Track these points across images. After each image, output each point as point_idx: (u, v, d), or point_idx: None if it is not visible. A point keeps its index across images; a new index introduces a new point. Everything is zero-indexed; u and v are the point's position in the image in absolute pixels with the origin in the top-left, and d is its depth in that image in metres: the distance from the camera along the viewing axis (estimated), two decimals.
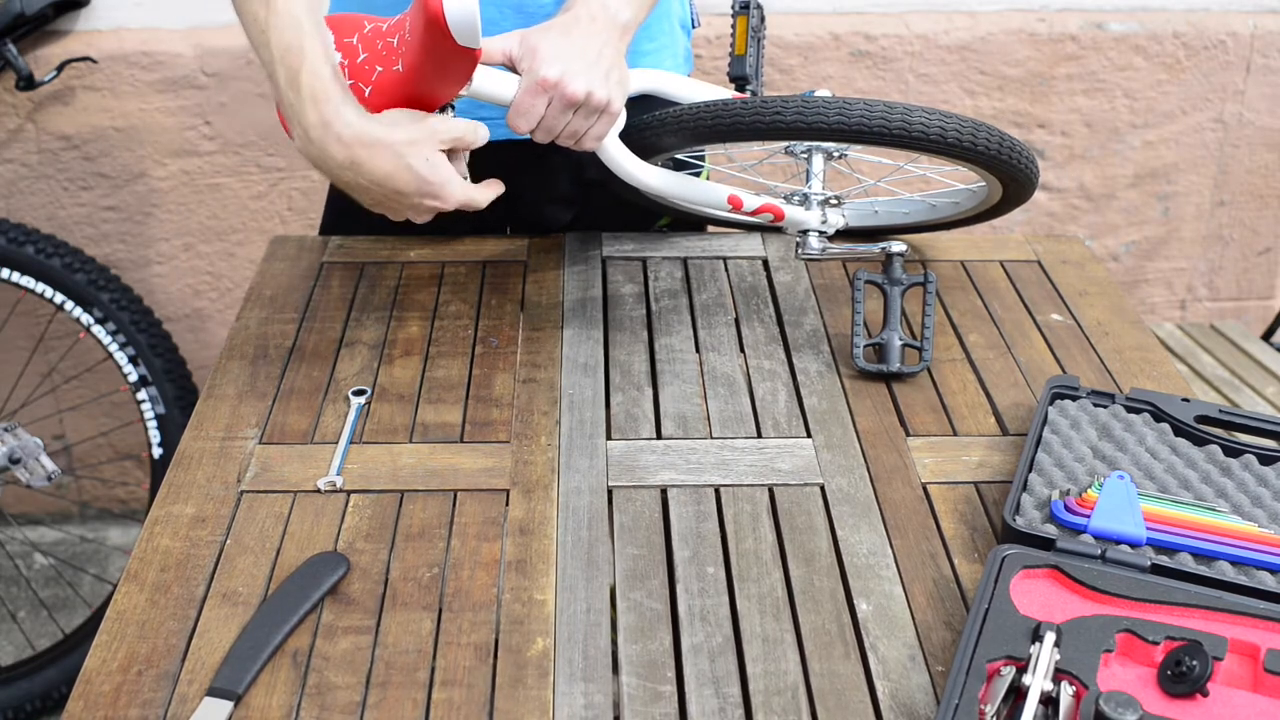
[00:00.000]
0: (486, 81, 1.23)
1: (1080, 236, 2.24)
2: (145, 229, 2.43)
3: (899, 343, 1.35)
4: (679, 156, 1.50)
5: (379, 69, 1.18)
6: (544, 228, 1.63)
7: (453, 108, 1.24)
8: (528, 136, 1.27)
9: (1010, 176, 1.35)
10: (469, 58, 1.14)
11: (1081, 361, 1.38)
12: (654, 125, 1.34)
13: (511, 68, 1.25)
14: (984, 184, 1.44)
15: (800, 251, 1.39)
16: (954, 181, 1.51)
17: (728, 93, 1.46)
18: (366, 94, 1.18)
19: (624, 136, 1.34)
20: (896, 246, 1.38)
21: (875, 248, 1.39)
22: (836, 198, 1.41)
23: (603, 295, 1.49)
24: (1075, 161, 2.52)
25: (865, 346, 1.35)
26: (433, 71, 1.16)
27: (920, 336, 1.37)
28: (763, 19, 1.55)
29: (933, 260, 1.57)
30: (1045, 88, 2.45)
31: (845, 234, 1.56)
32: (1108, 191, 2.56)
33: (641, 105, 1.38)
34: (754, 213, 1.39)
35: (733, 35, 1.52)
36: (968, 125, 1.26)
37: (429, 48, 1.13)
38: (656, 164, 1.40)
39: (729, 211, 1.41)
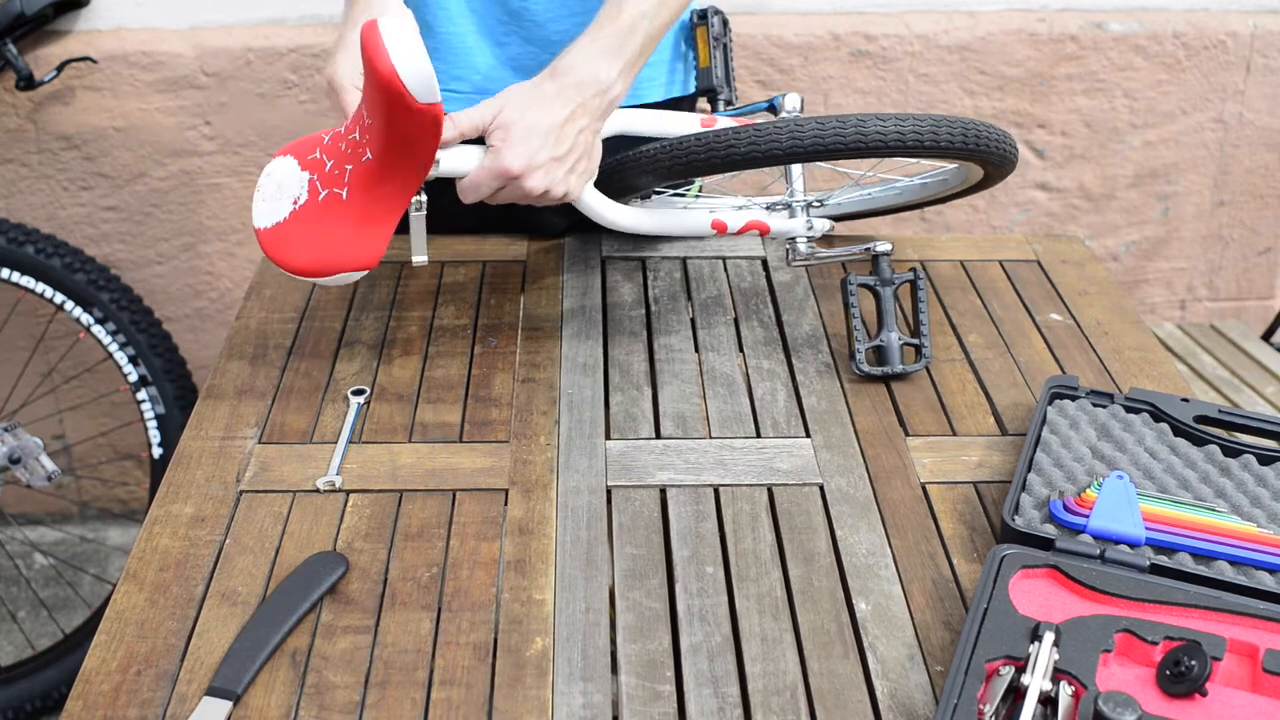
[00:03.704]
0: (451, 160, 1.22)
1: (1080, 236, 2.24)
2: (145, 229, 2.43)
3: (898, 342, 1.34)
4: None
5: (349, 167, 1.18)
6: (540, 233, 1.63)
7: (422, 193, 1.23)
8: None
9: (984, 160, 1.34)
10: (433, 117, 1.12)
11: (1081, 361, 1.38)
12: (618, 169, 1.33)
13: (482, 136, 1.23)
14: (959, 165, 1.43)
15: (791, 258, 1.39)
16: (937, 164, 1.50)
17: (697, 120, 1.44)
18: (344, 196, 1.18)
19: (597, 181, 1.33)
20: (882, 246, 1.37)
21: (860, 249, 1.39)
22: (820, 200, 1.41)
23: (602, 295, 1.49)
24: (1075, 161, 2.52)
25: (865, 350, 1.35)
26: (402, 143, 1.15)
27: (917, 334, 1.36)
28: (725, 24, 1.54)
29: (933, 260, 1.57)
30: (1045, 88, 2.45)
31: (842, 219, 1.57)
32: (1108, 191, 2.56)
33: (612, 145, 1.35)
34: (739, 232, 1.39)
35: (694, 47, 1.51)
36: (925, 124, 1.24)
37: (391, 119, 1.12)
38: (631, 202, 1.38)
39: (715, 236, 1.40)
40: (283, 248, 1.20)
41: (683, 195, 1.56)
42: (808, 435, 1.25)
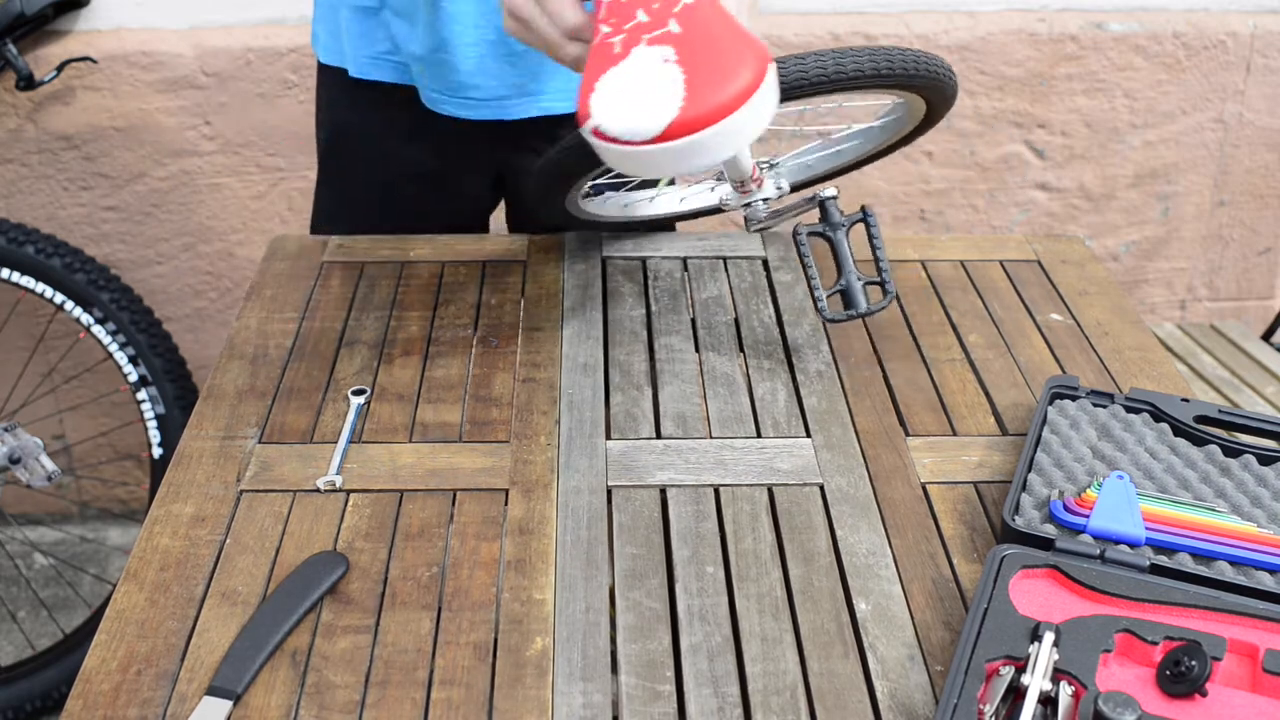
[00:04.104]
0: None
1: (1080, 236, 2.24)
2: (145, 229, 2.43)
3: (859, 283, 1.34)
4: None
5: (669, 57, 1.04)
6: (538, 227, 1.63)
7: None
8: (519, 117, 1.23)
9: (923, 89, 1.32)
10: None
11: (1081, 361, 1.38)
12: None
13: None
14: (902, 101, 1.42)
15: (751, 226, 1.38)
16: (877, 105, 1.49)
17: None
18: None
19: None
20: (828, 191, 1.36)
21: (805, 197, 1.38)
22: (769, 163, 1.40)
23: (603, 295, 1.49)
24: (1075, 161, 2.52)
25: (829, 295, 1.34)
26: None
27: (878, 270, 1.35)
28: None
29: (933, 260, 1.57)
30: (1045, 88, 2.45)
31: (793, 191, 1.55)
32: (1108, 191, 2.56)
33: None
34: (755, 180, 1.37)
35: None
36: (864, 55, 1.24)
37: None
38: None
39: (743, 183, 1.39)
40: (707, 95, 1.02)
41: (654, 188, 1.57)
42: (808, 435, 1.25)
